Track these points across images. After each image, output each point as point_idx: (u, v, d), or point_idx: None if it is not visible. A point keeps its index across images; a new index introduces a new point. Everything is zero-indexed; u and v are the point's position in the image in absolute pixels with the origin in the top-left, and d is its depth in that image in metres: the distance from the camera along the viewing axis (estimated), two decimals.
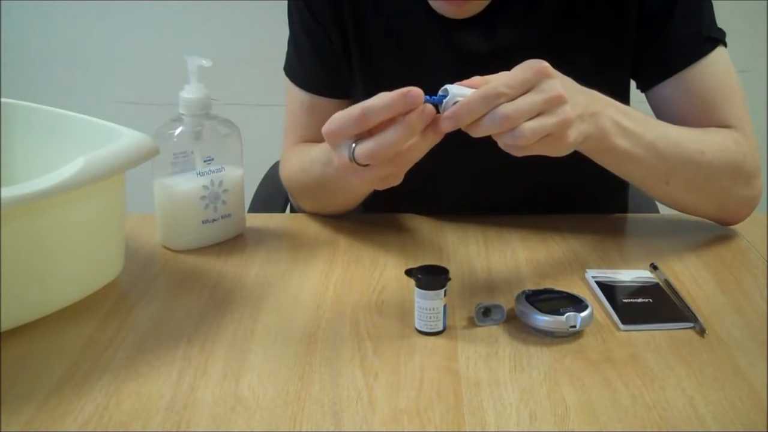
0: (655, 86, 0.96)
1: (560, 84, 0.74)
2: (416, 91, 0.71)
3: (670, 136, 0.88)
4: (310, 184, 0.97)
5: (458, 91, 0.73)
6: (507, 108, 0.71)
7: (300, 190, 1.01)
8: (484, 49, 0.96)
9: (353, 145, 0.73)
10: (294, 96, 1.05)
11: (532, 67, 0.73)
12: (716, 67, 0.95)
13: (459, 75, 0.77)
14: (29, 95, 0.94)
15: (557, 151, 0.76)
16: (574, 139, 0.75)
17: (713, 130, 0.93)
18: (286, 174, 1.04)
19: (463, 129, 0.73)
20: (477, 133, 0.73)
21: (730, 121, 0.95)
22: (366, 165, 0.74)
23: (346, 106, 1.03)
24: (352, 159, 0.73)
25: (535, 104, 0.72)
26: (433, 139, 0.74)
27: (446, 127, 0.72)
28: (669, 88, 0.95)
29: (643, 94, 0.99)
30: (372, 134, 0.73)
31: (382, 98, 0.71)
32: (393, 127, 0.71)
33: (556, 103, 0.73)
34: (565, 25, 0.95)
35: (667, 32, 0.94)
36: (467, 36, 0.96)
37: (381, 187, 0.78)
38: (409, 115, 0.71)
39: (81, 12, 2.04)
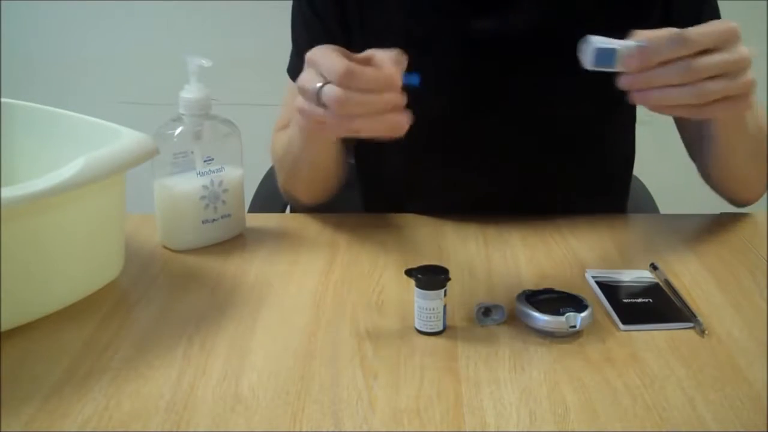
0: None
1: (746, 48, 0.72)
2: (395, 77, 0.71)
3: (756, 111, 0.90)
4: (290, 156, 0.98)
5: (607, 43, 0.71)
6: (696, 62, 0.69)
7: (284, 168, 1.02)
8: (497, 38, 0.96)
9: (320, 85, 0.72)
10: (292, 90, 1.03)
11: (726, 26, 0.71)
12: None
13: (470, 66, 0.77)
14: (29, 95, 0.94)
15: (733, 113, 0.75)
16: (750, 103, 0.74)
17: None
18: (273, 154, 1.06)
19: (635, 82, 0.71)
20: (654, 80, 0.70)
21: None
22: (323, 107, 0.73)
23: None
24: (318, 95, 0.72)
25: (725, 64, 0.70)
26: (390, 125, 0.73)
27: (631, 65, 0.70)
28: None
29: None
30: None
31: (373, 72, 0.71)
32: (370, 96, 0.71)
33: (742, 66, 0.71)
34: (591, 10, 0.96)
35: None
36: (481, 26, 0.96)
37: (325, 135, 0.80)
38: (391, 97, 0.71)
39: (81, 12, 2.04)
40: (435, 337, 0.72)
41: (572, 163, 1.03)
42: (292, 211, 1.18)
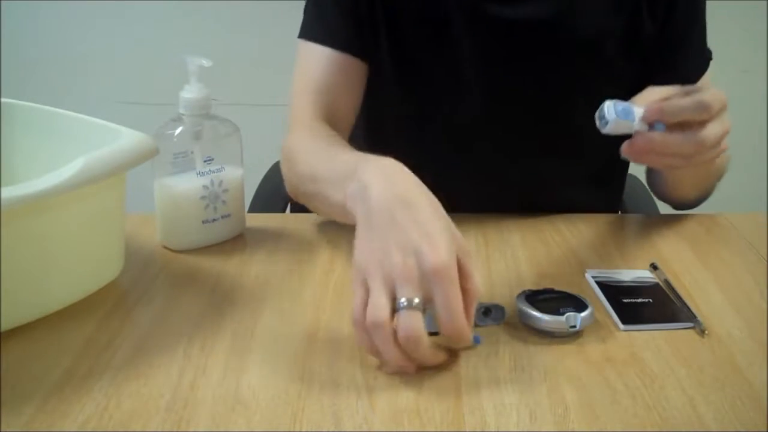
0: None
1: (717, 94, 0.77)
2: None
3: None
4: (315, 194, 0.89)
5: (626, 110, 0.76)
6: (703, 135, 0.75)
7: (304, 185, 0.93)
8: (511, 26, 0.97)
9: (407, 303, 0.62)
10: (313, 57, 1.00)
11: (723, 96, 0.77)
12: (707, 83, 1.03)
13: (487, 58, 0.77)
14: (29, 95, 0.94)
15: (692, 170, 0.84)
16: (714, 163, 0.83)
17: None
18: (291, 157, 0.95)
19: (649, 144, 0.76)
20: (666, 149, 0.76)
21: None
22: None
23: (366, 75, 1.01)
24: (399, 308, 0.63)
25: (720, 136, 0.77)
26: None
27: (650, 115, 0.75)
28: None
29: None
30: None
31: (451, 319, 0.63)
32: (432, 349, 0.65)
33: (726, 135, 0.79)
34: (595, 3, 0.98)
35: (683, 49, 1.01)
36: (495, 13, 0.97)
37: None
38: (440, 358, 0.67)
39: (81, 12, 2.04)
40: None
41: (573, 157, 1.04)
42: (292, 211, 1.18)
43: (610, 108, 0.75)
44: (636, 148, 0.76)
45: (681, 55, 1.01)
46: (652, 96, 0.78)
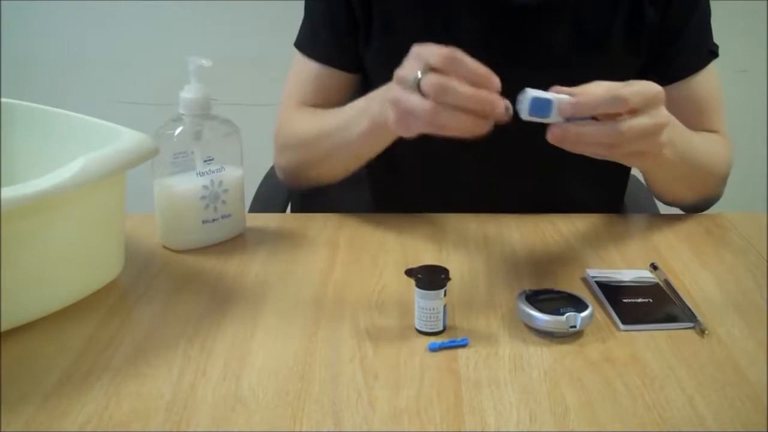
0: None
1: (666, 111, 0.78)
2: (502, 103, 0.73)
3: (694, 143, 0.95)
4: (323, 144, 0.98)
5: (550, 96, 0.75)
6: (623, 125, 0.74)
7: (311, 149, 1.01)
8: (513, 14, 0.98)
9: (422, 72, 0.74)
10: (303, 66, 1.06)
11: (653, 90, 0.76)
12: (712, 77, 1.03)
13: (486, 42, 0.82)
14: (29, 95, 0.94)
15: (636, 164, 0.83)
16: (658, 157, 0.80)
17: (713, 136, 1.02)
18: (288, 131, 1.04)
19: (565, 135, 0.75)
20: (585, 138, 0.75)
21: (716, 127, 1.04)
22: (418, 96, 0.74)
23: (351, 84, 1.05)
24: (417, 81, 0.74)
25: (647, 128, 0.76)
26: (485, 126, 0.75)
27: (565, 110, 0.74)
28: (673, 91, 0.98)
29: None
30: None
31: (475, 63, 0.73)
32: (471, 88, 0.73)
33: (660, 129, 0.77)
34: None
35: (681, 39, 1.00)
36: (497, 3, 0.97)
37: (405, 130, 0.79)
38: (492, 99, 0.73)
39: (81, 12, 2.04)
40: (435, 337, 0.72)
41: (575, 157, 1.04)
42: (292, 211, 1.18)
43: (524, 103, 0.75)
44: (553, 138, 0.76)
45: (676, 48, 1.00)
46: (596, 89, 0.76)
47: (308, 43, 1.06)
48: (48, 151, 0.86)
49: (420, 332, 0.73)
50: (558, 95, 0.75)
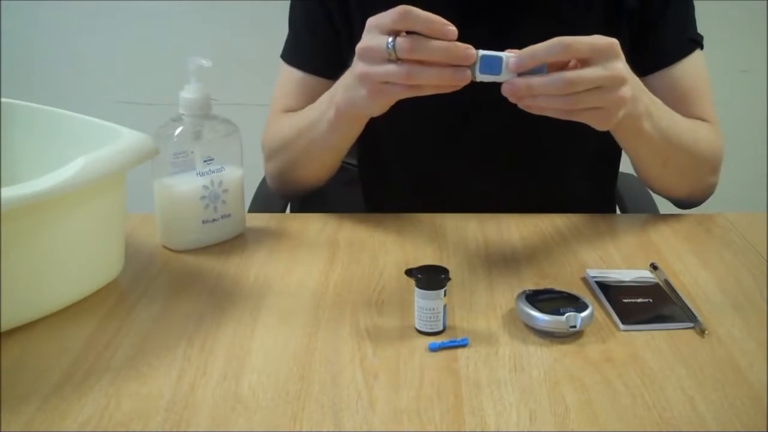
0: (642, 78, 1.00)
1: (623, 65, 0.76)
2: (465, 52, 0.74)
3: (678, 124, 0.94)
4: (300, 142, 0.99)
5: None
6: (571, 74, 0.74)
7: (291, 150, 1.02)
8: (489, 12, 0.98)
9: (391, 41, 0.75)
10: (287, 76, 1.08)
11: (605, 41, 0.75)
12: (696, 66, 1.02)
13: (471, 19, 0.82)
14: (29, 95, 0.94)
15: (600, 124, 0.79)
16: (620, 117, 0.78)
17: (702, 122, 1.01)
18: (272, 137, 1.06)
19: (514, 88, 0.75)
20: (534, 90, 0.75)
21: (704, 116, 1.02)
22: (398, 62, 0.76)
23: None
24: (392, 48, 0.75)
25: (600, 80, 0.75)
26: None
27: (513, 64, 0.75)
28: (655, 80, 1.00)
29: None
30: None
31: (429, 15, 0.75)
32: (443, 42, 0.74)
33: (617, 82, 0.76)
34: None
35: (660, 28, 1.00)
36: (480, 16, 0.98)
37: (380, 101, 0.81)
38: (462, 47, 0.74)
39: (81, 12, 2.04)
40: (435, 337, 0.72)
41: (562, 145, 1.04)
42: (292, 211, 1.18)
43: (475, 63, 0.75)
44: (505, 92, 0.76)
45: (657, 37, 1.00)
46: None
47: (292, 52, 1.08)
48: (48, 151, 0.86)
49: (420, 332, 0.73)
50: (508, 53, 0.75)
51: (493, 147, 1.03)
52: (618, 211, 1.19)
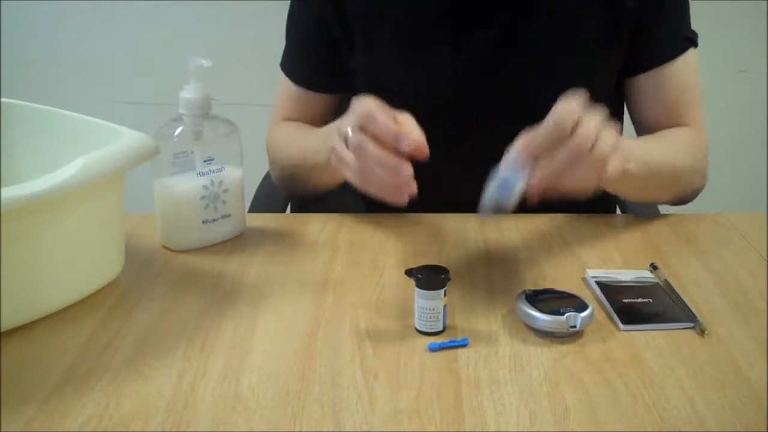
0: (635, 76, 1.00)
1: (588, 127, 0.73)
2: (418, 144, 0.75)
3: (653, 151, 0.94)
4: (304, 164, 1.00)
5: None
6: (575, 139, 0.71)
7: (292, 168, 1.05)
8: (485, 34, 0.97)
9: (351, 130, 0.77)
10: (285, 86, 1.10)
11: (568, 110, 0.73)
12: (689, 65, 1.02)
13: (461, 66, 0.83)
14: (29, 95, 0.94)
15: (600, 183, 0.76)
16: (614, 169, 0.75)
17: (680, 133, 1.01)
18: (275, 147, 1.08)
19: (542, 182, 0.74)
20: (556, 170, 0.73)
21: (690, 118, 1.02)
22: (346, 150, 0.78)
23: (332, 102, 1.07)
24: (345, 136, 0.78)
25: (571, 159, 0.72)
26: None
27: (524, 165, 0.74)
28: (648, 79, 1.00)
29: None
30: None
31: (387, 122, 0.75)
32: (382, 153, 0.75)
33: (586, 148, 0.72)
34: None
35: (656, 26, 0.99)
36: (472, 21, 0.98)
37: (342, 176, 0.82)
38: (396, 164, 0.75)
39: (81, 12, 2.04)
40: (435, 337, 0.72)
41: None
42: (292, 211, 1.19)
43: (487, 202, 0.74)
44: (534, 197, 0.74)
45: (652, 35, 0.99)
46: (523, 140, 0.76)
47: (287, 65, 1.09)
48: (48, 151, 0.86)
49: (420, 332, 0.73)
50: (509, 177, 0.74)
51: (492, 147, 1.03)
52: (618, 211, 1.19)
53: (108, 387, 0.65)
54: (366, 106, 0.77)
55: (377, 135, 0.76)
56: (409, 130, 0.76)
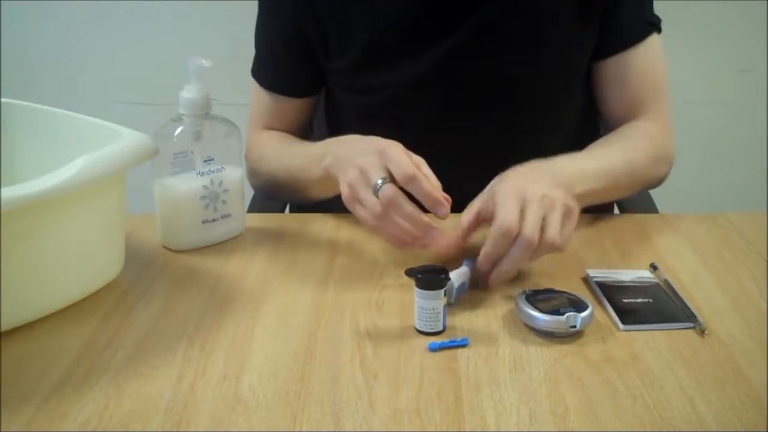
0: (600, 61, 1.01)
1: (532, 222, 0.77)
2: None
3: (603, 164, 0.93)
4: (291, 182, 1.00)
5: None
6: (521, 237, 0.76)
7: (276, 178, 1.03)
8: (468, 23, 0.97)
9: (383, 181, 0.79)
10: (258, 93, 1.10)
11: (507, 218, 0.77)
12: (653, 51, 1.01)
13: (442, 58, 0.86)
14: (29, 95, 0.94)
15: (561, 240, 0.79)
16: (558, 228, 0.78)
17: (633, 134, 1.00)
18: (256, 157, 1.07)
19: (497, 278, 0.80)
20: (513, 266, 0.79)
21: (653, 104, 1.02)
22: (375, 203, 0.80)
23: (307, 105, 1.08)
24: (379, 187, 0.79)
25: (524, 255, 0.77)
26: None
27: (479, 276, 0.80)
28: (612, 65, 1.00)
29: None
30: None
31: (428, 188, 0.79)
32: (418, 214, 0.79)
33: (535, 242, 0.76)
34: None
35: (619, 11, 0.99)
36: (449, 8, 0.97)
37: (351, 210, 0.83)
38: (435, 240, 0.81)
39: (81, 12, 2.04)
40: (435, 338, 0.72)
41: (544, 132, 1.04)
42: (292, 211, 1.18)
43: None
44: (494, 285, 0.79)
45: (615, 19, 0.99)
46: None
47: (256, 72, 1.10)
48: (48, 151, 0.86)
49: (420, 332, 0.73)
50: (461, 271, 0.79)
51: (478, 140, 1.03)
52: (618, 211, 1.19)
53: (108, 387, 0.65)
54: (407, 166, 0.78)
55: (418, 197, 0.79)
56: (444, 195, 0.80)
